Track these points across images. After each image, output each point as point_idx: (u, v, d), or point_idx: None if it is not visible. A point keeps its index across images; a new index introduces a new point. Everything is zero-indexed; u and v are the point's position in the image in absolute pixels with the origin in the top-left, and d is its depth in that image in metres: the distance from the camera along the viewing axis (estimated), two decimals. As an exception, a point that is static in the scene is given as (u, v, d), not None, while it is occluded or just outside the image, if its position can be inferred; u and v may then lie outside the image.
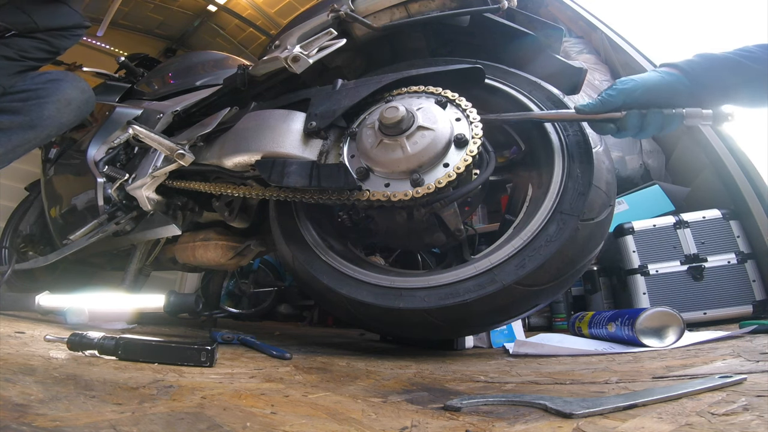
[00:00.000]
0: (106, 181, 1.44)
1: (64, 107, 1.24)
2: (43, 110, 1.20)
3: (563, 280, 0.95)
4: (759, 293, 1.52)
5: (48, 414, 0.41)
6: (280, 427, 0.45)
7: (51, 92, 1.22)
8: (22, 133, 1.19)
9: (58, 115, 1.23)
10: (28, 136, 1.20)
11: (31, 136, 1.20)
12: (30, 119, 1.19)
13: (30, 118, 1.18)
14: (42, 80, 1.23)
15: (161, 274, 2.71)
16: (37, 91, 1.20)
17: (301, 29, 1.22)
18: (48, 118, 1.21)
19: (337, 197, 1.01)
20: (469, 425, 0.48)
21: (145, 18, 3.91)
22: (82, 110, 1.30)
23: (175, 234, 1.34)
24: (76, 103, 1.26)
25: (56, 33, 1.30)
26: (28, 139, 1.20)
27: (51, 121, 1.21)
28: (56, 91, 1.23)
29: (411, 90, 1.10)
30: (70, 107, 1.25)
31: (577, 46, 2.52)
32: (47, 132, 1.23)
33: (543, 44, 1.20)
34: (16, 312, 1.20)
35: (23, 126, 1.18)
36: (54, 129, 1.25)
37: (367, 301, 0.99)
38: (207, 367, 0.73)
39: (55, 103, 1.22)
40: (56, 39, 1.30)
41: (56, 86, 1.23)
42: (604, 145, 1.04)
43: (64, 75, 1.29)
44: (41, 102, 1.20)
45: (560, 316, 1.84)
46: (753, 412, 0.47)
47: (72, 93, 1.25)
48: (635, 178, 2.13)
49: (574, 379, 0.76)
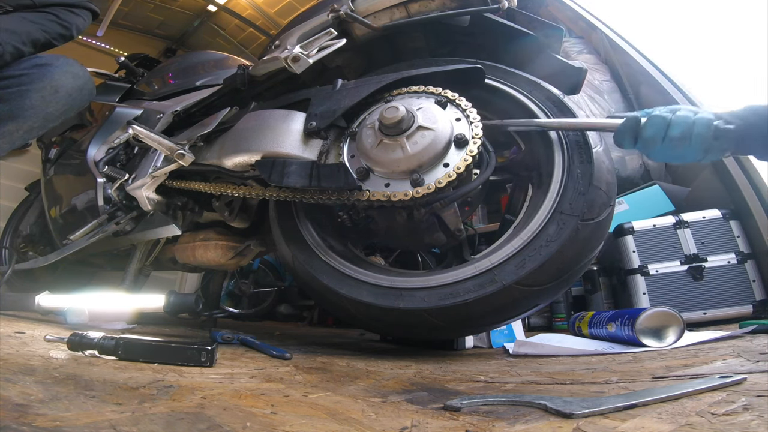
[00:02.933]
0: (106, 181, 1.44)
1: (50, 95, 1.08)
2: (24, 99, 1.04)
3: (563, 280, 0.95)
4: (759, 293, 1.52)
5: (48, 414, 0.41)
6: (280, 427, 0.45)
7: (35, 79, 1.06)
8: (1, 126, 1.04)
9: (42, 104, 1.07)
10: (8, 128, 1.05)
11: (11, 127, 1.05)
12: (9, 109, 1.03)
13: (9, 107, 1.03)
14: (28, 65, 1.08)
15: (161, 274, 2.71)
16: (19, 78, 1.05)
17: (301, 29, 1.22)
18: (30, 108, 1.05)
19: (337, 197, 1.01)
20: (469, 425, 0.48)
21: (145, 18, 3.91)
22: (75, 98, 1.15)
23: (175, 234, 1.34)
24: (66, 90, 1.11)
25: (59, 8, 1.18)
26: (8, 131, 1.05)
27: (33, 111, 1.06)
28: (42, 77, 1.07)
29: (411, 90, 1.10)
30: (58, 95, 1.10)
31: (577, 46, 2.52)
32: (30, 123, 1.07)
33: (543, 44, 1.21)
34: (16, 312, 1.20)
35: (2, 117, 1.03)
36: (39, 120, 1.09)
37: (367, 301, 0.99)
38: (207, 367, 0.73)
39: (39, 90, 1.06)
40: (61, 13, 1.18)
41: (43, 72, 1.08)
42: (604, 144, 1.04)
43: (55, 59, 1.12)
44: (22, 90, 1.04)
45: (560, 316, 1.84)
46: (753, 412, 0.47)
47: (61, 79, 1.10)
48: (635, 178, 2.12)
49: (574, 379, 0.76)
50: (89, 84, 1.19)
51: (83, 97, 1.18)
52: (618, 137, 0.86)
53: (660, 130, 0.80)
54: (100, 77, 1.91)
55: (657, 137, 0.80)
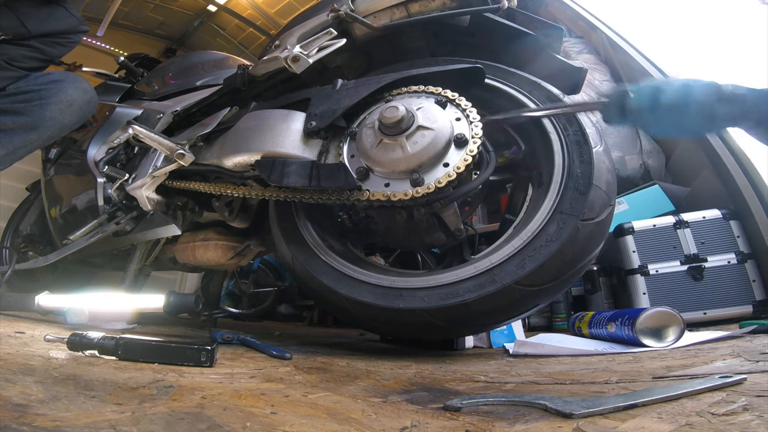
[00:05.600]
0: (106, 181, 1.44)
1: (66, 108, 1.23)
2: (45, 111, 1.19)
3: (563, 280, 0.95)
4: (759, 293, 1.52)
5: (48, 414, 0.41)
6: (280, 427, 0.45)
7: (53, 93, 1.21)
8: (24, 135, 1.18)
9: (60, 116, 1.22)
10: (30, 138, 1.19)
11: (33, 137, 1.19)
12: (32, 120, 1.18)
13: (32, 119, 1.18)
14: (44, 81, 1.22)
15: (161, 274, 2.71)
16: (39, 92, 1.19)
17: (301, 29, 1.22)
18: (50, 119, 1.20)
19: (336, 197, 1.01)
20: (469, 425, 0.48)
21: (145, 18, 3.91)
22: (84, 111, 1.29)
23: (175, 234, 1.34)
24: (78, 104, 1.26)
25: (49, 40, 1.28)
26: (29, 141, 1.19)
27: (53, 122, 1.21)
28: (58, 92, 1.21)
29: (411, 90, 1.10)
30: (72, 108, 1.24)
31: (577, 46, 2.52)
32: (49, 133, 1.23)
33: (543, 44, 1.20)
34: (16, 312, 1.20)
35: (25, 127, 1.17)
36: (56, 130, 1.24)
37: (367, 301, 0.99)
38: (207, 367, 0.73)
39: (58, 104, 1.21)
40: (49, 47, 1.29)
41: (58, 87, 1.22)
42: (605, 144, 1.04)
43: (66, 76, 1.28)
44: (43, 103, 1.19)
45: (560, 316, 1.84)
46: (753, 412, 0.47)
47: (74, 94, 1.24)
48: (635, 178, 2.13)
49: (574, 379, 0.76)
50: (95, 98, 1.34)
51: (90, 110, 1.33)
52: (605, 112, 0.82)
53: (648, 98, 0.73)
54: (100, 77, 1.91)
55: (645, 106, 0.74)
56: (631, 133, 2.19)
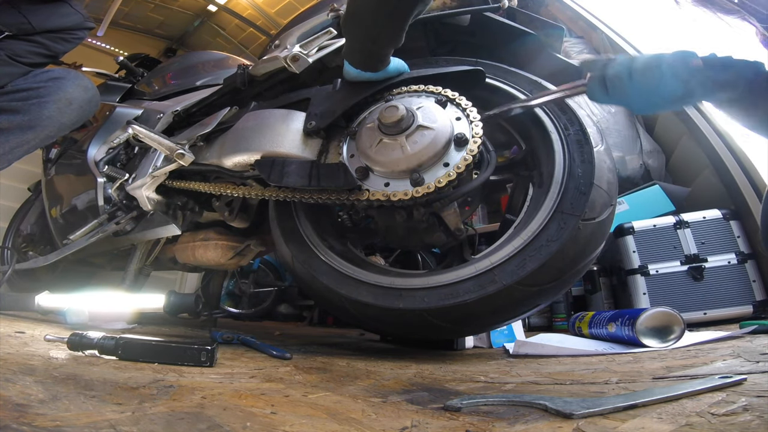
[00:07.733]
0: (106, 181, 1.44)
1: (66, 107, 1.19)
2: (43, 110, 1.15)
3: (564, 280, 0.95)
4: (759, 293, 1.51)
5: (48, 414, 0.41)
6: (280, 427, 0.45)
7: (52, 91, 1.17)
8: (21, 134, 1.13)
9: (58, 115, 1.18)
10: (27, 137, 1.15)
11: (30, 136, 1.15)
12: (29, 119, 1.13)
13: (29, 117, 1.13)
14: (44, 78, 1.18)
15: (161, 274, 2.71)
16: (37, 90, 1.15)
17: (301, 29, 1.22)
18: (48, 118, 1.16)
19: (336, 197, 1.01)
20: (469, 425, 0.48)
21: (145, 18, 3.91)
22: (85, 110, 1.25)
23: (175, 234, 1.34)
24: (78, 102, 1.22)
25: (54, 35, 1.25)
26: (27, 140, 1.15)
27: (51, 121, 1.16)
28: (58, 90, 1.17)
29: (411, 89, 1.09)
30: (72, 107, 1.20)
31: (577, 46, 2.52)
32: (47, 132, 1.18)
33: (544, 43, 1.20)
34: (16, 312, 1.20)
35: (22, 126, 1.13)
36: (54, 129, 1.20)
37: (367, 301, 0.99)
38: (207, 367, 0.73)
39: (56, 102, 1.17)
40: (54, 42, 1.26)
41: (58, 85, 1.18)
42: (606, 144, 1.04)
43: (66, 73, 1.24)
44: (41, 101, 1.15)
45: (560, 316, 1.84)
46: (753, 412, 0.47)
47: (74, 92, 1.20)
48: (635, 178, 2.12)
49: (574, 379, 0.76)
50: (96, 96, 1.30)
51: (91, 109, 1.29)
52: (589, 90, 0.84)
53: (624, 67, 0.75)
54: (100, 77, 1.91)
55: (622, 74, 0.75)
56: (631, 133, 2.19)
